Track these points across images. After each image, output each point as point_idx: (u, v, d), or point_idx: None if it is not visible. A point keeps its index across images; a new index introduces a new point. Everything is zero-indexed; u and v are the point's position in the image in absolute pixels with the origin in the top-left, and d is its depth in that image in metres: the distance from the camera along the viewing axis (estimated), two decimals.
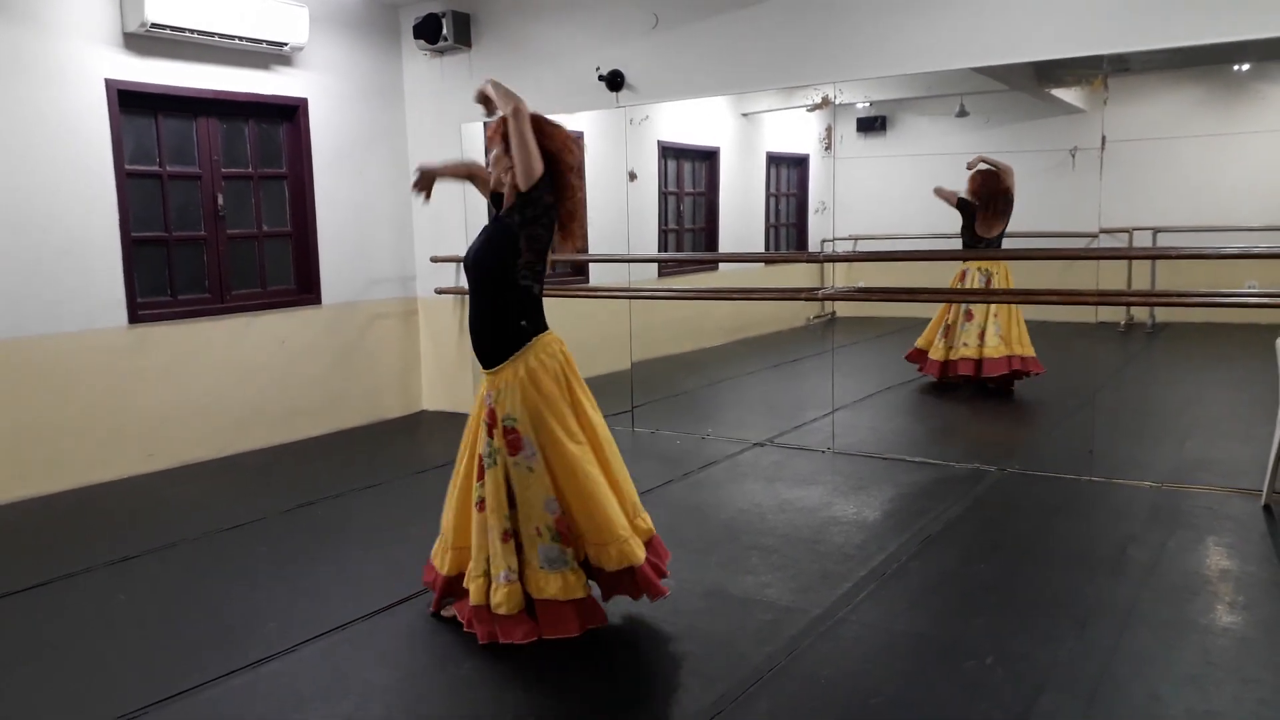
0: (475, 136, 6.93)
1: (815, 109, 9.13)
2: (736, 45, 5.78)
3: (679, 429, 6.73)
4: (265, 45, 6.14)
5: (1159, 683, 3.03)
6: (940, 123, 9.34)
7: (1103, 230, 6.61)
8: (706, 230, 9.73)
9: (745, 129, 10.01)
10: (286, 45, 6.25)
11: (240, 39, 5.95)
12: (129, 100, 5.68)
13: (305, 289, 6.76)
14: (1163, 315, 9.22)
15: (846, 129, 9.85)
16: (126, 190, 5.67)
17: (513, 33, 6.62)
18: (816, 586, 3.87)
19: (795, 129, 10.32)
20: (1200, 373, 8.23)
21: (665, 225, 9.19)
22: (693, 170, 9.55)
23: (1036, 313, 7.75)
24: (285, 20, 6.13)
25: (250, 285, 6.48)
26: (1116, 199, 6.99)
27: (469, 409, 3.53)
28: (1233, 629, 3.41)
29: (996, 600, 3.71)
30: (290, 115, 6.58)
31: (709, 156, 9.67)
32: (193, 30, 5.69)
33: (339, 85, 6.80)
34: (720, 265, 9.72)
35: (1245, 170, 8.61)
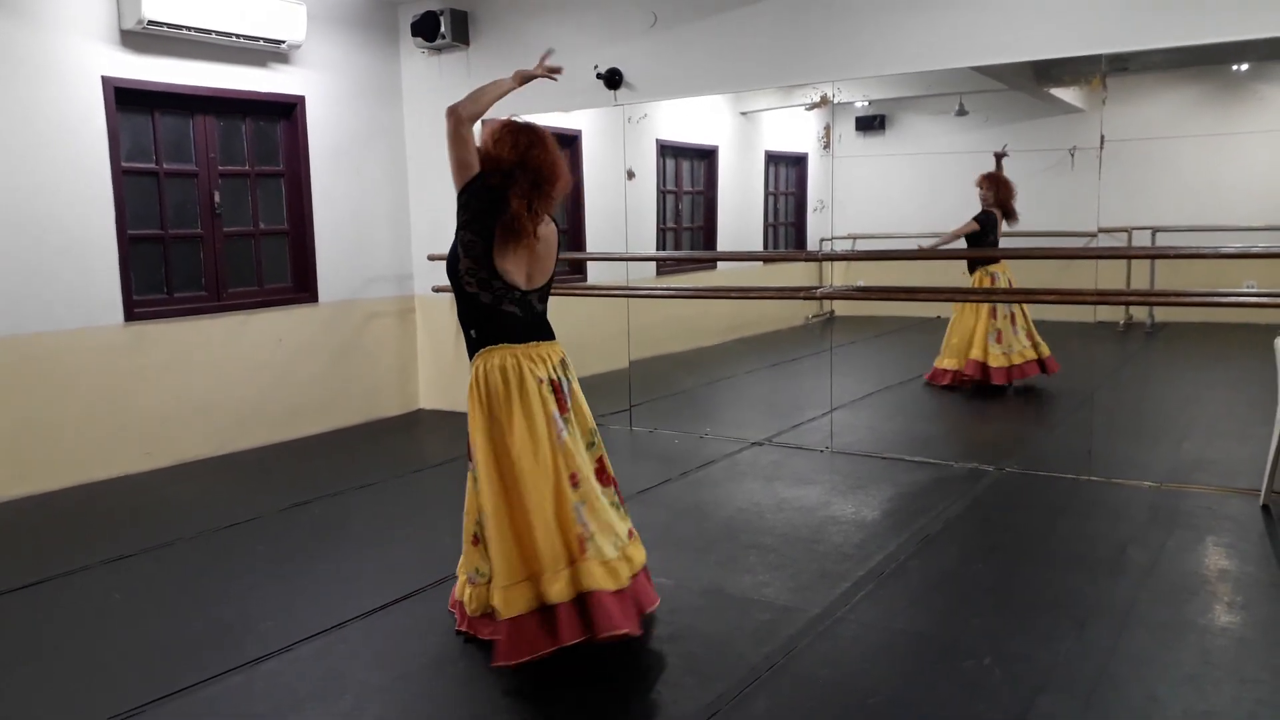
0: (473, 137, 6.91)
1: (814, 108, 9.13)
2: (735, 43, 5.77)
3: (677, 428, 6.72)
4: (263, 43, 6.12)
5: (1157, 683, 3.02)
6: (939, 122, 9.34)
7: (1101, 230, 6.61)
8: (705, 229, 9.72)
9: (744, 127, 10.00)
10: (284, 43, 6.23)
11: (238, 36, 5.93)
12: (126, 98, 5.67)
13: (302, 287, 6.74)
14: (1161, 315, 9.22)
15: (845, 128, 9.85)
16: (123, 188, 5.66)
17: (511, 31, 6.61)
18: (815, 586, 3.86)
19: (794, 128, 10.31)
20: (1199, 372, 8.23)
21: (664, 224, 9.18)
22: (691, 169, 9.54)
23: (1036, 312, 7.75)
24: (283, 18, 6.11)
25: (247, 283, 6.47)
26: (1115, 198, 6.99)
27: (466, 407, 3.51)
28: (1231, 629, 3.41)
29: (995, 600, 3.70)
30: (287, 113, 6.56)
31: (707, 155, 9.66)
32: (190, 28, 5.67)
33: (336, 83, 6.78)
34: (719, 264, 9.71)
35: (1244, 170, 8.61)
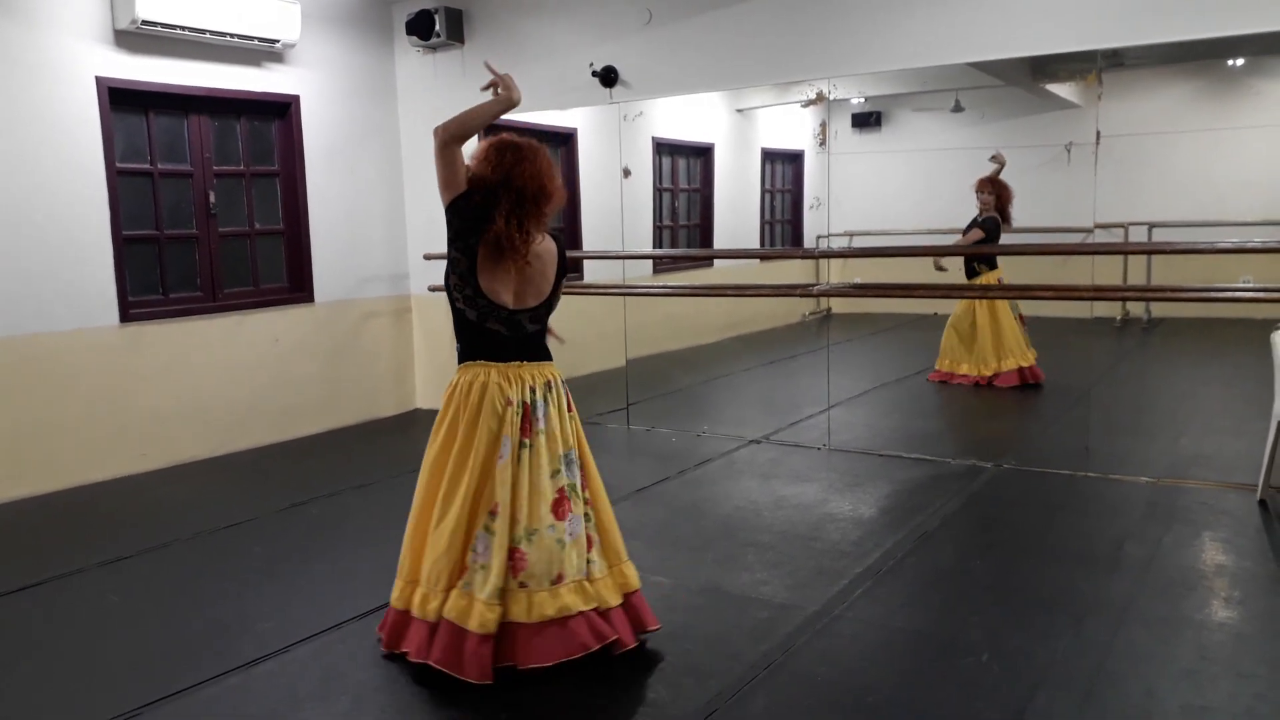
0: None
1: (810, 105, 9.14)
2: (730, 40, 5.76)
3: (674, 426, 6.72)
4: (257, 42, 6.10)
5: (1155, 678, 3.03)
6: (935, 118, 9.35)
7: (1098, 225, 6.61)
8: (701, 226, 9.72)
9: (740, 125, 10.00)
10: (278, 42, 6.21)
11: (232, 36, 5.92)
12: (120, 98, 5.65)
13: (298, 287, 6.73)
14: (1158, 310, 9.24)
15: (841, 124, 9.86)
16: (118, 188, 5.64)
17: (506, 29, 6.60)
18: (812, 583, 3.86)
19: (790, 125, 10.32)
20: (1195, 368, 8.24)
21: (660, 222, 9.18)
22: (687, 166, 9.54)
23: (1032, 308, 7.76)
24: (277, 17, 6.09)
25: (242, 283, 6.45)
26: (1111, 194, 7.00)
27: None
28: (1228, 624, 3.41)
29: (993, 597, 3.70)
30: (282, 112, 6.55)
31: (703, 153, 9.66)
32: (184, 27, 5.65)
33: (331, 82, 6.77)
34: (715, 262, 9.71)
35: (1240, 165, 8.63)
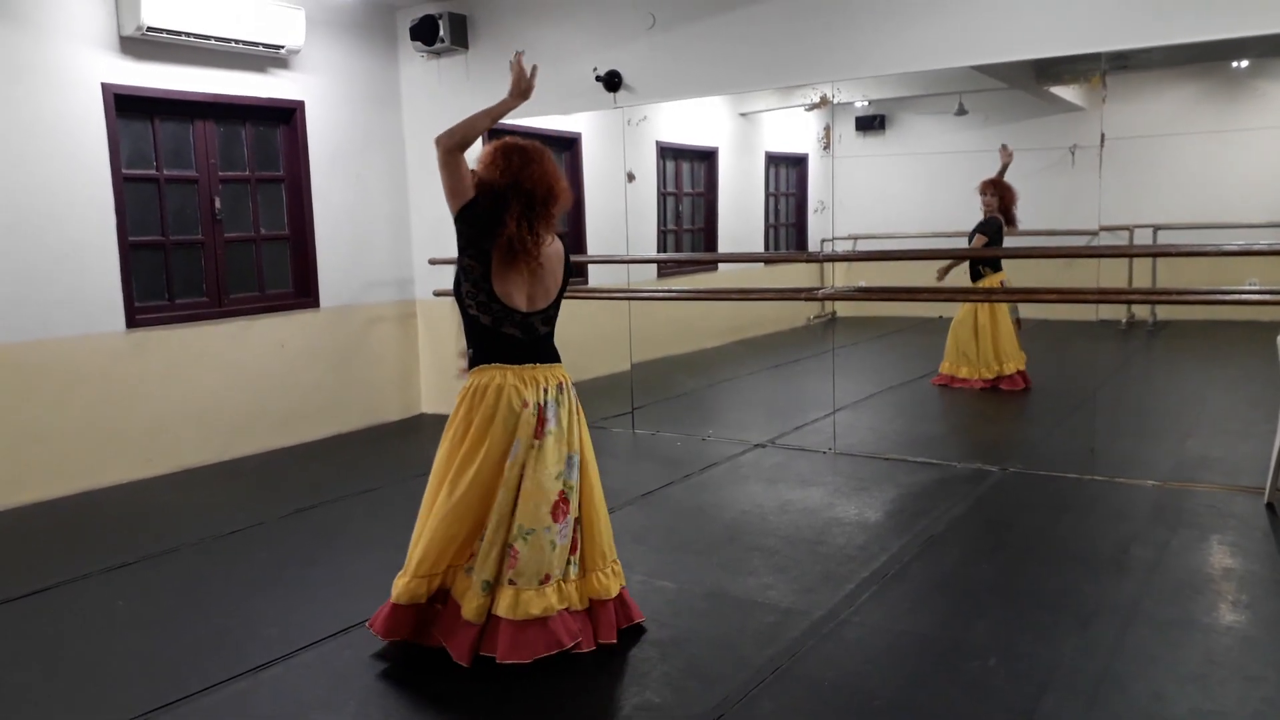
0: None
1: (814, 108, 9.14)
2: (734, 44, 5.77)
3: (680, 430, 6.72)
4: (262, 48, 6.12)
5: (1162, 682, 3.02)
6: (939, 121, 9.33)
7: (1103, 228, 6.60)
8: (705, 230, 9.72)
9: (744, 129, 10.00)
10: (283, 48, 6.23)
11: (237, 42, 5.93)
12: (126, 104, 5.67)
13: (303, 292, 6.74)
14: (1164, 313, 9.21)
15: (845, 128, 9.85)
16: (123, 194, 5.66)
17: (510, 34, 6.60)
18: (818, 588, 3.86)
19: (794, 128, 10.32)
20: (1202, 371, 8.22)
21: (664, 226, 9.18)
22: (691, 170, 9.54)
23: (1037, 311, 7.75)
24: (282, 23, 6.11)
25: (248, 289, 6.47)
26: (1116, 196, 6.98)
27: None
28: (1236, 628, 3.40)
29: (999, 600, 3.69)
30: (287, 118, 6.56)
31: (707, 156, 9.66)
32: (189, 34, 5.67)
33: (336, 88, 6.78)
34: (720, 265, 9.71)
35: (1245, 167, 8.61)
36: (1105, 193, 6.16)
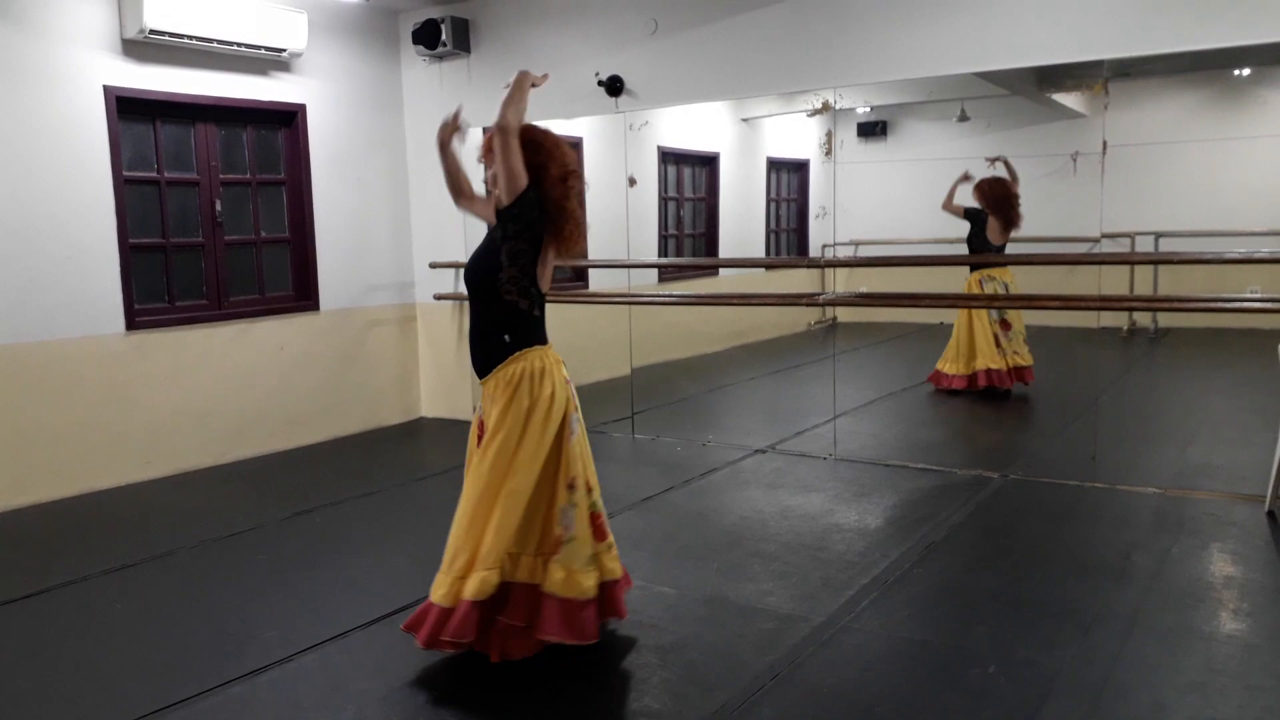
0: (473, 140, 6.92)
1: (815, 114, 9.14)
2: (736, 50, 5.77)
3: (680, 435, 6.71)
4: (264, 51, 6.13)
5: (1163, 690, 3.00)
6: (941, 128, 9.35)
7: (1105, 235, 6.60)
8: (707, 235, 9.72)
9: (745, 134, 10.01)
10: (285, 51, 6.23)
11: (239, 45, 5.94)
12: (127, 106, 5.67)
13: (304, 295, 6.74)
14: (1165, 320, 9.21)
15: (847, 134, 9.86)
16: (124, 196, 5.66)
17: (512, 38, 6.61)
18: (819, 594, 3.85)
19: (795, 134, 10.32)
20: (1203, 378, 8.21)
21: (665, 231, 9.18)
22: (693, 175, 9.55)
23: (1039, 318, 7.75)
24: (284, 26, 6.12)
25: (248, 291, 6.47)
26: (1118, 204, 6.98)
27: (468, 415, 3.50)
28: (1237, 636, 3.39)
29: (999, 607, 3.68)
30: (289, 121, 6.57)
31: (709, 162, 9.67)
32: (191, 36, 5.68)
33: (338, 91, 6.79)
34: (721, 271, 9.71)
35: (1246, 174, 8.62)
36: (1107, 200, 6.16)
